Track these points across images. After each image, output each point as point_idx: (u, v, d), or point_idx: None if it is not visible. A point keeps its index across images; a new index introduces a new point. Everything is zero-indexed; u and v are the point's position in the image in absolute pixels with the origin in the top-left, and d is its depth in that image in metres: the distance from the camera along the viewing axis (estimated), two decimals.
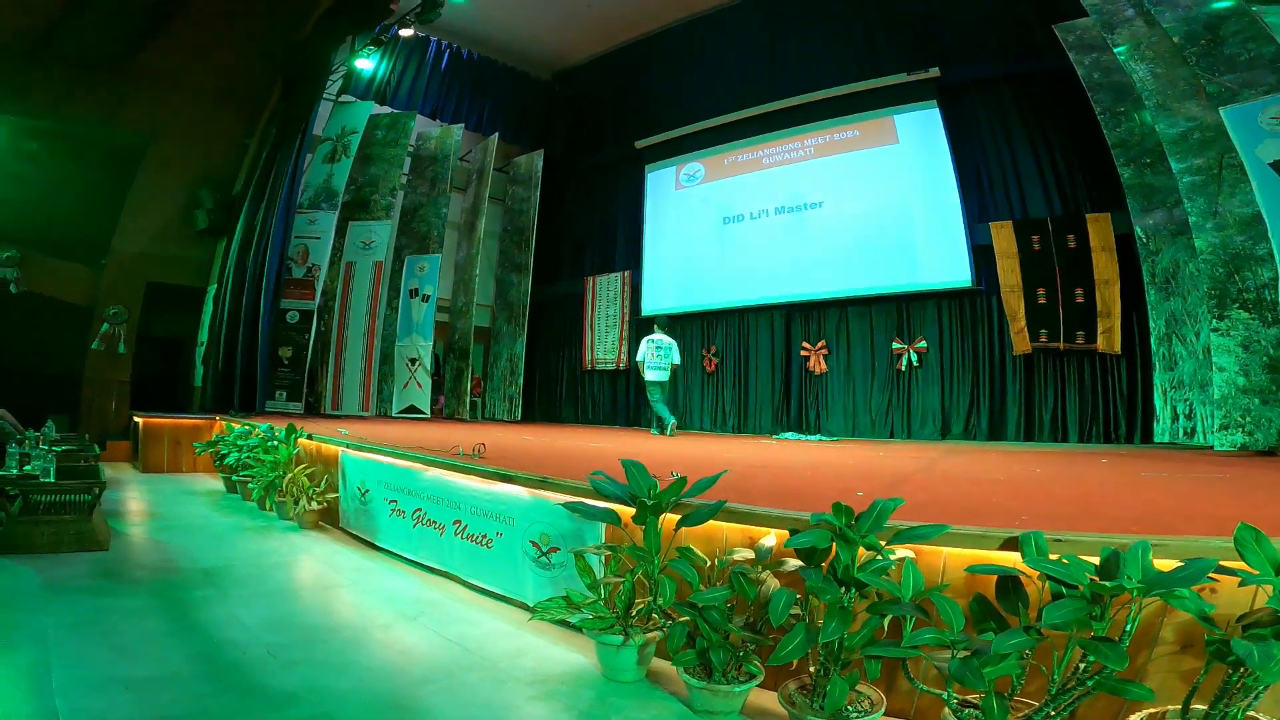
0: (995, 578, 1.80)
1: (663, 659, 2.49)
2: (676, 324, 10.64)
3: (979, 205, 8.11)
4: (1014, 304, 7.52)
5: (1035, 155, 7.85)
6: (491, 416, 11.64)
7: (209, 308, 9.37)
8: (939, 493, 3.08)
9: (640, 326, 11.00)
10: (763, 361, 9.63)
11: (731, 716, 2.09)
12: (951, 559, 2.02)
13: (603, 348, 11.32)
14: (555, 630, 2.84)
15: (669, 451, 5.48)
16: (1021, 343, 7.48)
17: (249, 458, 5.42)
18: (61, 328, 8.71)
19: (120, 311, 8.84)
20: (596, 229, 12.18)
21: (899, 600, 1.84)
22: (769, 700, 2.18)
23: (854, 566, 1.87)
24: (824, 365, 9.02)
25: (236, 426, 6.30)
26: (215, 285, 9.37)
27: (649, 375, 8.18)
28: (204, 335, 9.36)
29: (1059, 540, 1.80)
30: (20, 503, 3.74)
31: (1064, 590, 1.62)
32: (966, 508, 2.60)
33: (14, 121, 8.33)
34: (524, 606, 3.14)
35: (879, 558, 1.91)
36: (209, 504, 5.71)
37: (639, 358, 8.30)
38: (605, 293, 11.39)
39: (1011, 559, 1.84)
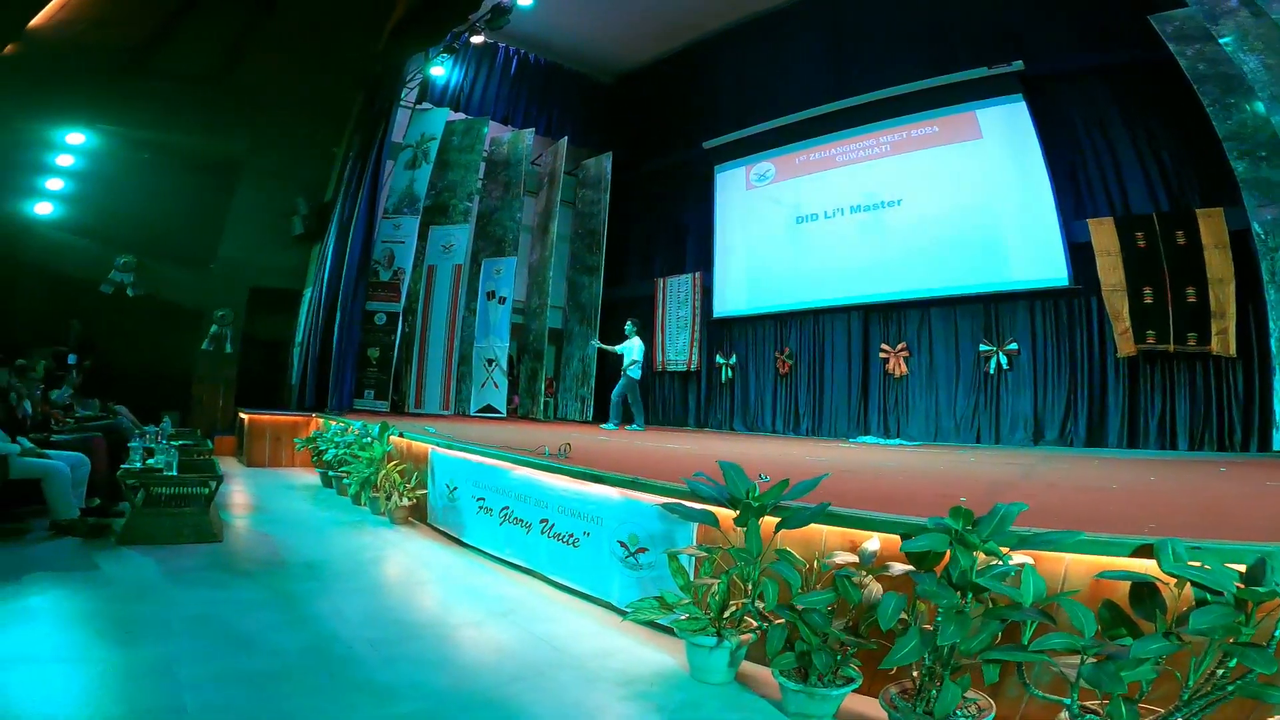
0: (1125, 585, 1.78)
1: (751, 662, 2.47)
2: (749, 325, 10.57)
3: (1074, 201, 7.69)
4: (1117, 304, 7.07)
5: (1136, 149, 7.39)
6: (564, 416, 11.82)
7: (304, 310, 9.90)
8: (1047, 500, 2.93)
9: (712, 328, 10.96)
10: (839, 364, 9.41)
11: None
12: (1073, 565, 1.99)
13: (674, 349, 11.32)
14: (640, 630, 2.85)
15: (750, 454, 5.42)
16: (1126, 344, 7.03)
17: (345, 454, 5.68)
18: (174, 329, 9.36)
19: (227, 314, 9.45)
20: (666, 230, 12.20)
21: (1019, 605, 1.81)
22: (863, 704, 2.15)
23: (972, 571, 1.81)
24: (904, 368, 8.74)
25: (333, 424, 6.62)
26: (310, 288, 9.89)
27: (637, 374, 8.94)
28: (300, 336, 9.89)
29: (1196, 548, 1.77)
30: (143, 495, 4.02)
31: (1208, 596, 1.61)
32: (1083, 516, 2.47)
33: (125, 134, 8.97)
34: (609, 606, 3.16)
35: (998, 563, 1.85)
36: (307, 498, 6.02)
37: (636, 357, 8.96)
38: (675, 294, 11.39)
39: (1145, 566, 1.80)
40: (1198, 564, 1.69)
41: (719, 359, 10.81)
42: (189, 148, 9.38)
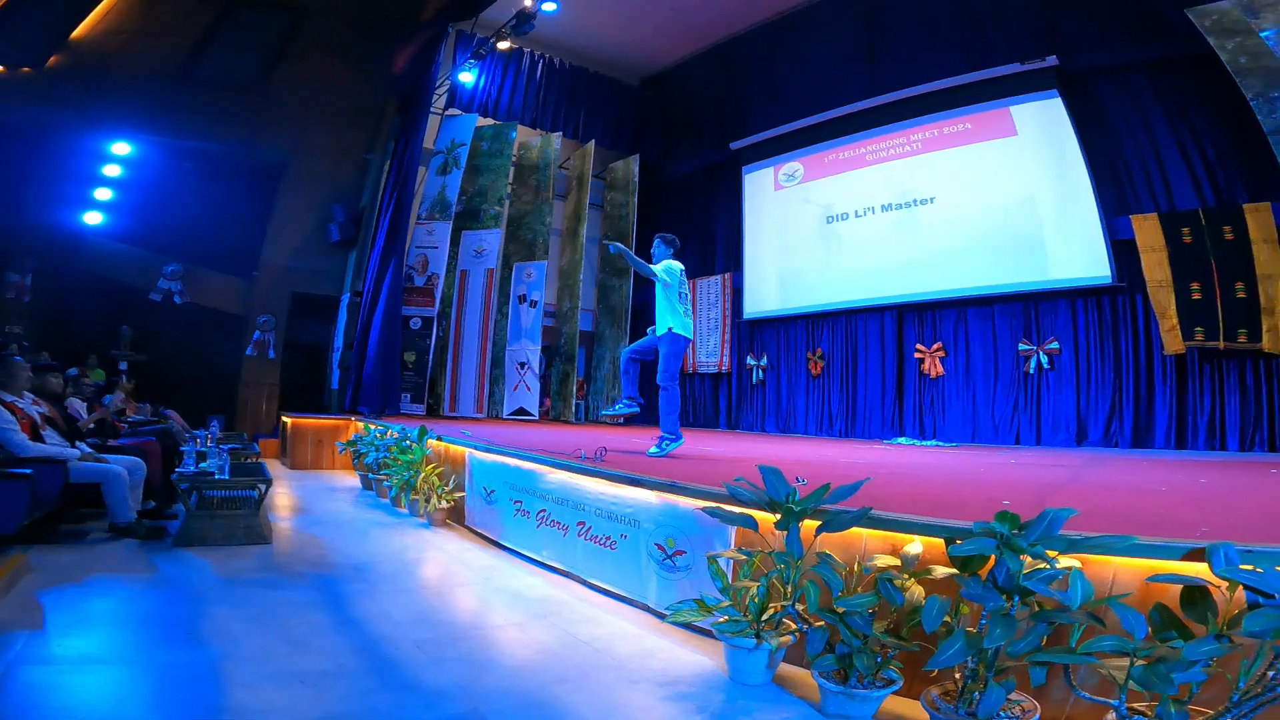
0: (1176, 588, 1.78)
1: (789, 664, 2.48)
2: (780, 326, 10.51)
3: (1116, 197, 7.51)
4: (1163, 300, 6.88)
5: (1178, 143, 7.20)
6: (595, 418, 11.89)
7: (343, 315, 10.13)
8: (1099, 503, 2.87)
9: (742, 329, 10.92)
10: (872, 364, 9.31)
11: None
12: (1122, 569, 1.99)
13: (705, 350, 11.31)
14: (678, 632, 2.87)
15: (785, 456, 5.40)
16: (1174, 342, 6.83)
17: (385, 457, 5.81)
18: (219, 335, 9.66)
19: (270, 319, 9.73)
20: (695, 232, 12.18)
21: (1067, 608, 1.81)
22: (903, 706, 2.16)
23: (1020, 575, 1.81)
24: (940, 368, 8.60)
25: (373, 428, 6.77)
26: (348, 294, 10.12)
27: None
28: (339, 341, 10.13)
29: (1250, 551, 1.77)
30: (196, 498, 4.16)
31: (1260, 600, 1.61)
32: (1134, 519, 2.43)
33: (169, 144, 9.26)
34: (646, 608, 3.19)
35: (1046, 567, 1.85)
36: (349, 500, 6.17)
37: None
38: (706, 296, 11.38)
39: (1196, 569, 1.80)
40: (1250, 567, 1.68)
41: (750, 360, 10.77)
42: (230, 156, 9.65)
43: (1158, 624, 1.75)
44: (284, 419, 8.64)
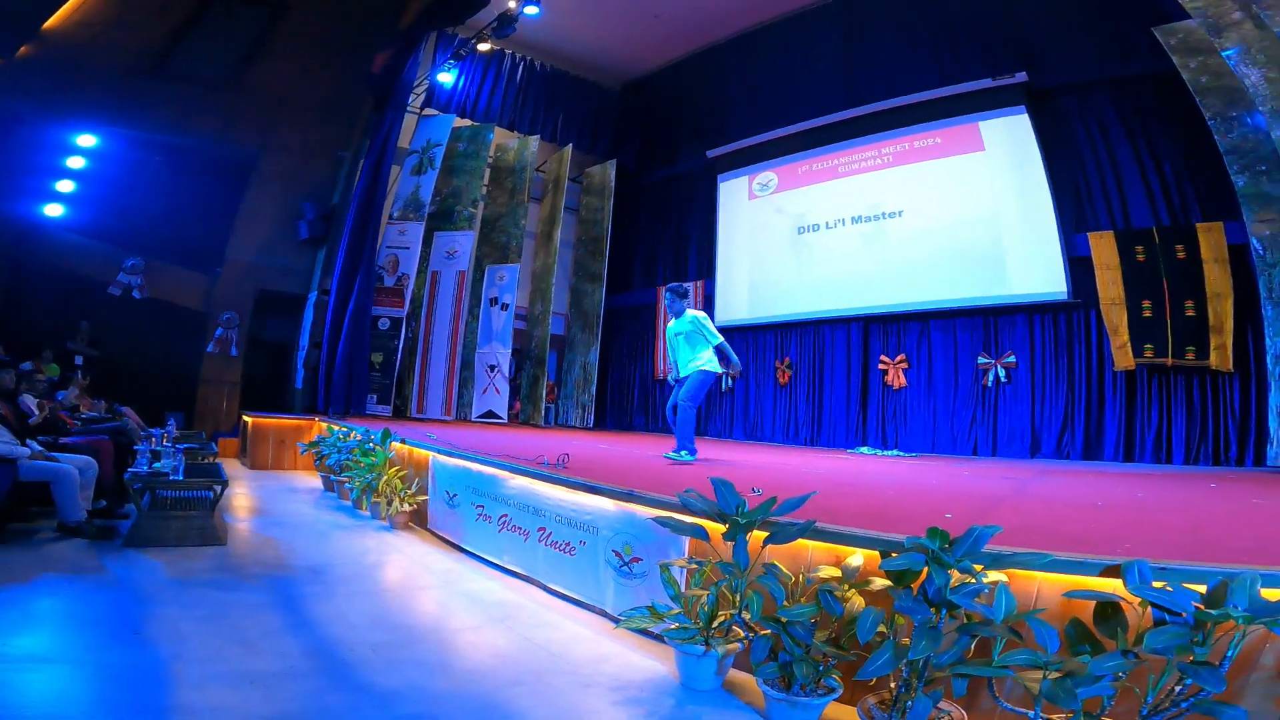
0: (1093, 603, 1.85)
1: (739, 670, 2.54)
2: (750, 335, 10.61)
3: (1075, 214, 7.73)
4: (1115, 318, 7.12)
5: (1138, 162, 7.42)
6: (565, 423, 11.89)
7: (309, 314, 10.00)
8: (1035, 517, 2.99)
9: None
10: (838, 374, 9.46)
11: None
12: (1045, 584, 2.06)
13: None
14: (633, 637, 2.92)
15: (747, 466, 5.48)
16: (1124, 358, 7.07)
17: (348, 459, 5.76)
18: (180, 331, 9.45)
19: (233, 316, 9.57)
20: (669, 239, 12.28)
21: (990, 622, 1.88)
22: (845, 714, 2.23)
23: (947, 589, 1.88)
24: (903, 379, 8.78)
25: (335, 429, 6.70)
26: (315, 293, 9.99)
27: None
28: (305, 340, 10.00)
29: (1163, 569, 1.84)
30: (149, 498, 4.10)
31: (1167, 617, 1.69)
32: (1065, 534, 2.53)
33: (137, 136, 9.07)
34: (603, 613, 3.24)
35: (972, 581, 1.92)
36: (310, 502, 6.10)
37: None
38: None
39: (1112, 586, 1.88)
40: (1162, 584, 1.75)
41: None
42: (199, 150, 9.47)
43: (1072, 638, 1.81)
44: (245, 418, 8.50)
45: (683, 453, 5.39)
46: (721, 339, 5.43)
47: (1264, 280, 6.14)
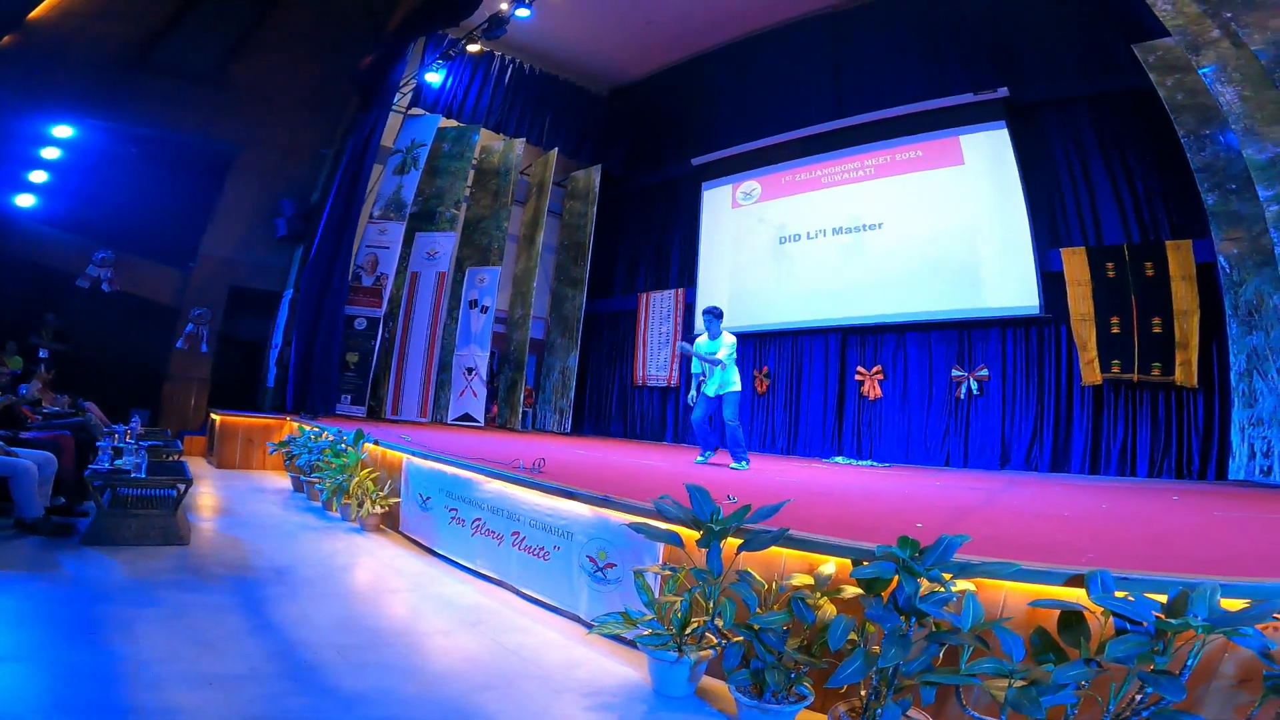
0: (1058, 612, 1.87)
1: (711, 677, 2.54)
2: None
3: (1050, 230, 7.87)
4: (1084, 334, 7.26)
5: (1111, 178, 7.57)
6: (542, 427, 11.83)
7: (284, 312, 9.85)
8: (1003, 527, 3.03)
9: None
10: (815, 384, 9.53)
11: None
12: (1012, 593, 2.08)
13: (655, 364, 11.39)
14: (606, 643, 2.90)
15: (723, 474, 5.49)
16: (1091, 373, 7.22)
17: (319, 460, 5.67)
18: (149, 326, 9.25)
19: (204, 313, 9.39)
20: (651, 245, 12.29)
21: (958, 630, 1.89)
22: None
23: (916, 598, 1.89)
24: (879, 390, 8.87)
25: (306, 429, 6.59)
26: (291, 290, 9.85)
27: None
28: (278, 338, 9.84)
29: (1125, 579, 1.86)
30: (110, 496, 3.99)
31: (1128, 626, 1.71)
32: (1032, 544, 2.57)
33: (116, 129, 8.88)
34: (576, 619, 3.21)
35: (941, 590, 1.94)
36: (278, 502, 5.98)
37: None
38: (658, 310, 11.48)
39: (1076, 595, 1.89)
40: (1124, 594, 1.78)
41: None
42: (178, 144, 9.31)
43: (1037, 647, 1.83)
44: (213, 416, 8.33)
45: (742, 463, 5.96)
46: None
47: (1230, 298, 6.29)
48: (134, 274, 9.21)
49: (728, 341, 6.25)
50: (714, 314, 6.38)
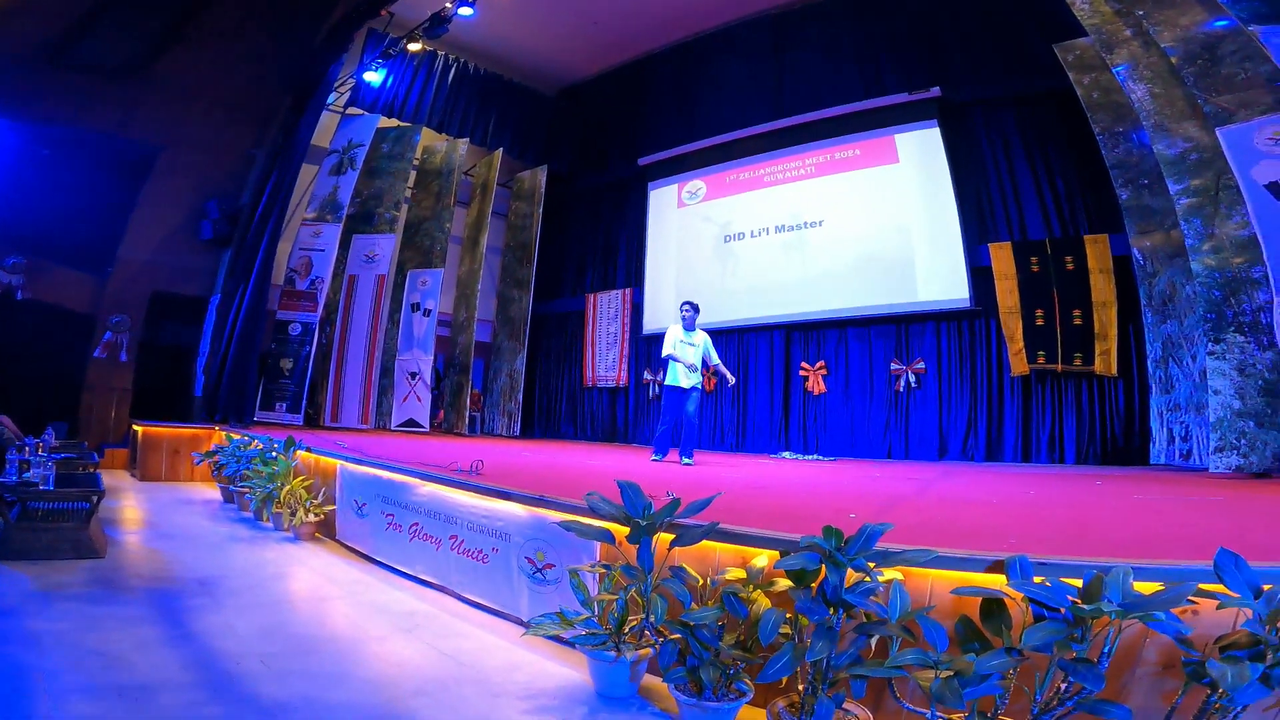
0: (981, 600, 1.84)
1: (654, 676, 2.51)
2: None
3: (979, 226, 8.16)
4: (1012, 325, 7.56)
5: (1035, 175, 7.90)
6: (491, 431, 11.65)
7: (211, 317, 9.42)
8: (932, 515, 3.10)
9: (640, 345, 11.04)
10: (762, 381, 9.65)
11: None
12: (938, 582, 2.07)
13: (604, 365, 11.35)
14: (548, 645, 2.85)
15: (666, 471, 5.49)
16: (1019, 364, 7.51)
17: (248, 469, 5.44)
18: (65, 335, 8.71)
19: (124, 320, 8.90)
20: (599, 246, 12.26)
21: (884, 621, 1.88)
22: (756, 717, 2.21)
23: (842, 588, 1.90)
24: (823, 385, 9.04)
25: (235, 437, 6.32)
26: (219, 295, 9.43)
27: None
28: (206, 345, 9.40)
29: (1044, 564, 1.85)
30: (19, 510, 3.76)
31: (1045, 613, 1.68)
32: (958, 530, 2.63)
33: (26, 128, 8.34)
34: (518, 621, 3.16)
35: (867, 580, 1.94)
36: (206, 513, 5.72)
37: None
38: (606, 310, 11.45)
39: (997, 582, 1.88)
40: (1042, 579, 1.76)
41: (646, 375, 10.91)
42: (95, 144, 8.78)
43: (962, 636, 1.80)
44: (135, 427, 7.91)
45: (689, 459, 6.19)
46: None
47: (1144, 289, 6.63)
48: (48, 280, 8.66)
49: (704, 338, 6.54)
50: (695, 308, 6.58)
